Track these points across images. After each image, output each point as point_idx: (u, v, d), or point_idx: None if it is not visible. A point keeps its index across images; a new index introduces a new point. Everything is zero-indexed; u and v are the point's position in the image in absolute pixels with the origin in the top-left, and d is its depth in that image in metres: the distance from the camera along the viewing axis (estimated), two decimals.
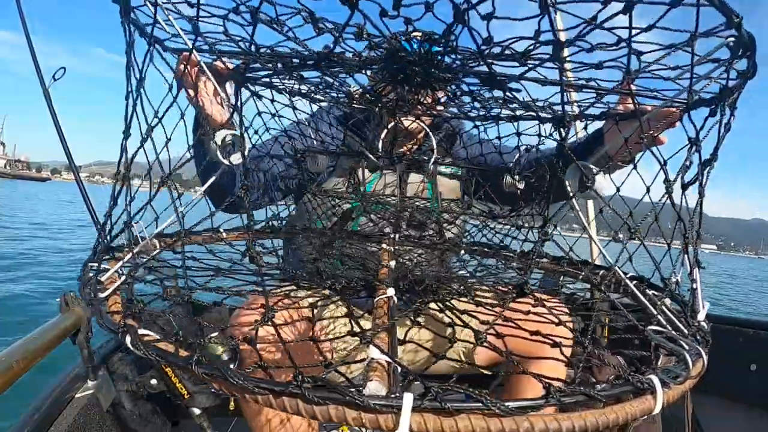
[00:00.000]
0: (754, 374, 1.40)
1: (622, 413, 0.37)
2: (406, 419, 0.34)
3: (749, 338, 1.42)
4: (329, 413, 0.35)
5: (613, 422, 0.36)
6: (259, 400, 0.36)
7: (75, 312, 1.04)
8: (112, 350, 1.26)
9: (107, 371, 1.18)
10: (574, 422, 0.36)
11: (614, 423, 0.36)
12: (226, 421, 1.33)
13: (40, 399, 0.97)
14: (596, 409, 0.36)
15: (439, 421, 0.35)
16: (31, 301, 4.66)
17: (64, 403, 1.00)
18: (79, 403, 1.03)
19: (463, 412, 0.35)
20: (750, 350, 1.41)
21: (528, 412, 0.35)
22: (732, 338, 1.45)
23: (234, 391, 0.37)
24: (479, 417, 0.35)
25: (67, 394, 1.02)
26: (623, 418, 0.37)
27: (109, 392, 1.15)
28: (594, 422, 0.36)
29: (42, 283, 5.38)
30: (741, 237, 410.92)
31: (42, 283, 5.38)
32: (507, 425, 0.35)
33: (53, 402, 0.97)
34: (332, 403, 0.35)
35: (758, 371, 1.39)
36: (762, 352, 1.39)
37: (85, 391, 1.07)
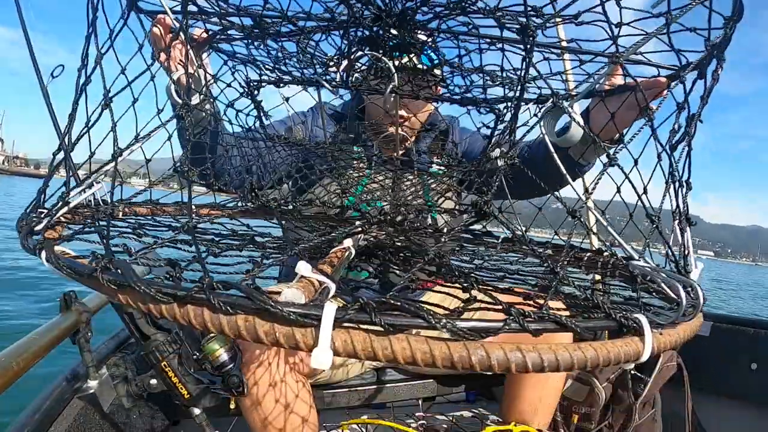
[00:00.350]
0: (754, 373, 1.40)
1: (603, 351, 0.30)
2: (327, 334, 0.26)
3: (750, 337, 1.42)
4: (237, 325, 0.28)
5: (592, 361, 0.29)
6: (163, 311, 0.30)
7: (75, 312, 1.04)
8: (112, 350, 1.26)
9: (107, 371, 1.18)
10: (543, 355, 0.28)
11: (593, 362, 0.29)
12: (226, 421, 1.33)
13: (40, 399, 0.97)
14: (571, 344, 0.29)
15: (369, 340, 0.27)
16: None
17: (64, 403, 1.00)
18: (79, 403, 1.03)
19: (401, 330, 0.28)
20: (750, 349, 1.41)
21: (483, 336, 0.28)
22: (732, 337, 1.45)
23: (139, 301, 0.31)
24: (421, 339, 0.27)
25: (67, 394, 1.02)
26: (604, 357, 0.30)
27: (109, 392, 1.15)
28: (567, 358, 0.28)
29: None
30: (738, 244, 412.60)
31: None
32: (455, 351, 0.27)
33: (53, 402, 0.97)
34: (241, 312, 0.29)
35: (759, 370, 1.39)
36: (763, 351, 1.39)
37: (85, 391, 1.07)
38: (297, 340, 0.27)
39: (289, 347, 0.28)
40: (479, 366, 0.27)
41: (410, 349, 0.27)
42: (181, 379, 1.09)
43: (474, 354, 0.27)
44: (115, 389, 1.21)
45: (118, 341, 1.31)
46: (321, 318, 0.27)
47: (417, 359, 0.27)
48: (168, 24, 0.76)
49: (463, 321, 0.28)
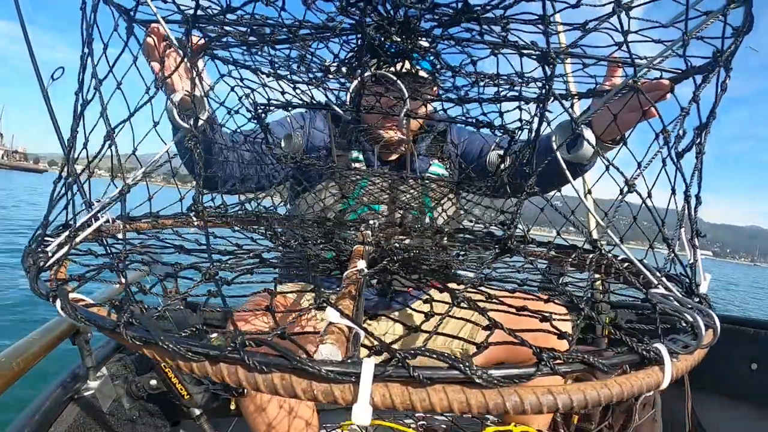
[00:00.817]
0: (754, 373, 1.40)
1: (627, 386, 0.31)
2: (367, 390, 0.27)
3: (750, 337, 1.42)
4: (274, 383, 0.28)
5: (617, 396, 0.31)
6: (194, 369, 0.30)
7: None
8: (112, 350, 1.26)
9: (107, 371, 1.18)
10: (572, 396, 0.29)
11: (618, 397, 0.31)
12: (226, 421, 1.33)
13: (40, 399, 0.97)
14: (597, 381, 0.31)
15: (407, 393, 0.28)
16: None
17: (64, 403, 1.00)
18: (79, 404, 1.03)
19: (437, 383, 0.28)
20: (751, 349, 1.41)
21: (516, 383, 0.29)
22: (732, 337, 1.45)
23: (168, 357, 0.31)
24: (457, 389, 0.28)
25: (67, 395, 1.02)
26: (628, 391, 0.31)
27: (109, 392, 1.15)
28: (595, 396, 0.30)
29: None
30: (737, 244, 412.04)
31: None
32: (491, 399, 0.28)
33: (53, 402, 0.97)
34: (277, 371, 0.28)
35: (759, 370, 1.39)
36: (763, 351, 1.39)
37: (85, 391, 1.07)
38: (336, 397, 0.28)
39: (327, 402, 0.28)
40: (513, 410, 0.28)
41: (447, 400, 0.28)
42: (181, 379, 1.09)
43: (508, 400, 0.28)
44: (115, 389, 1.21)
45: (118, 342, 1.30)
46: (360, 375, 0.27)
47: (454, 409, 0.28)
48: (162, 33, 0.75)
49: (497, 370, 0.29)
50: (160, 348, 0.30)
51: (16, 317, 3.93)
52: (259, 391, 0.29)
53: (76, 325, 1.03)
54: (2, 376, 0.76)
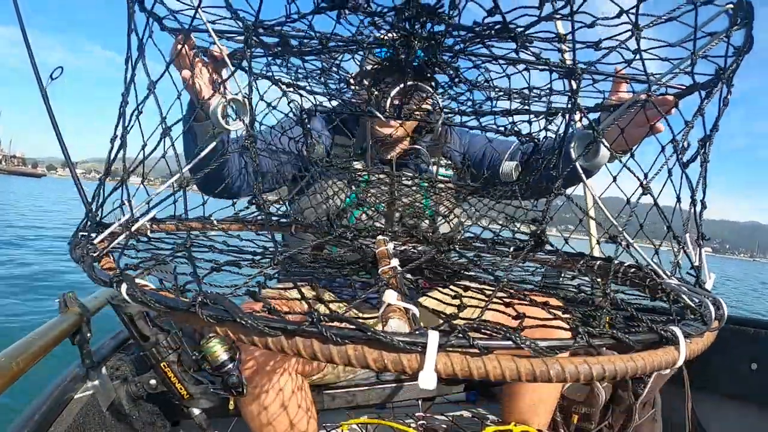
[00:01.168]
0: (754, 373, 1.40)
1: (649, 361, 0.36)
2: (432, 358, 0.31)
3: (750, 337, 1.42)
4: (347, 354, 0.32)
5: (641, 370, 0.35)
6: (269, 343, 0.33)
7: (74, 312, 1.04)
8: (112, 350, 1.26)
9: (107, 371, 1.18)
10: (604, 366, 0.34)
11: (641, 371, 0.35)
12: (226, 421, 1.33)
13: (40, 399, 0.97)
14: (624, 355, 0.35)
15: (466, 361, 0.32)
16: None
17: (64, 403, 1.00)
18: (78, 404, 1.02)
19: (492, 351, 0.32)
20: (750, 349, 1.41)
21: (557, 353, 0.33)
22: (732, 337, 1.45)
23: (243, 334, 0.34)
24: (508, 358, 0.32)
25: (67, 395, 1.02)
26: (650, 366, 0.36)
27: (109, 392, 1.15)
28: (623, 368, 0.35)
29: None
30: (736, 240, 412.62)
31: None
32: (537, 367, 0.32)
33: (53, 402, 0.97)
34: (351, 342, 0.32)
35: (759, 370, 1.39)
36: (763, 351, 1.39)
37: (84, 391, 1.07)
38: (404, 365, 0.32)
39: (395, 371, 0.32)
40: (555, 378, 0.32)
41: (500, 368, 0.32)
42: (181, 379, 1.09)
43: (552, 368, 0.32)
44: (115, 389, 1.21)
45: (118, 341, 1.30)
46: (426, 345, 0.31)
47: (506, 376, 0.32)
48: (192, 41, 0.76)
49: (542, 340, 0.33)
50: (237, 324, 0.33)
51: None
52: (332, 362, 0.32)
53: (76, 324, 1.03)
54: (2, 376, 0.76)
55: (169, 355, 1.01)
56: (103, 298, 1.20)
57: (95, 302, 1.16)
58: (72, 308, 1.04)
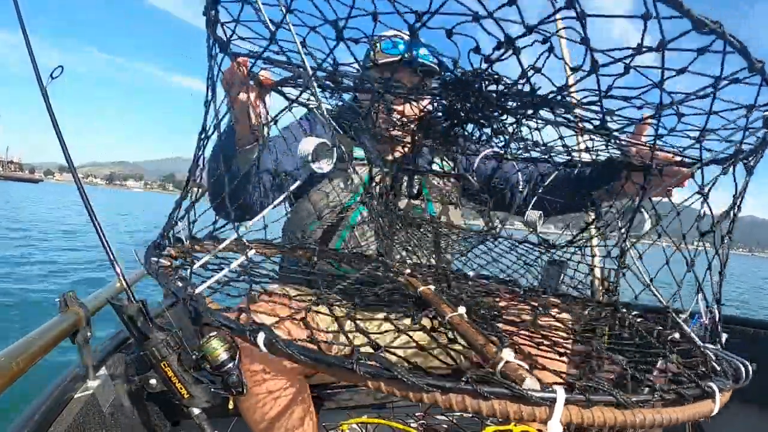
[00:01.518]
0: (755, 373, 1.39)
1: (697, 411, 0.46)
2: (559, 411, 0.38)
3: (749, 337, 1.42)
4: (494, 408, 0.38)
5: (690, 418, 0.45)
6: (424, 398, 0.39)
7: (74, 312, 1.04)
8: (112, 350, 1.26)
9: (107, 371, 1.18)
10: (671, 416, 0.44)
11: (692, 419, 0.45)
12: (226, 421, 1.33)
13: (40, 399, 0.97)
14: (680, 407, 0.44)
15: (581, 413, 0.40)
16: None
17: (64, 403, 1.00)
18: (78, 403, 1.02)
19: (594, 405, 0.40)
20: (751, 349, 1.41)
21: (641, 406, 0.41)
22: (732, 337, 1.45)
23: (399, 389, 0.39)
24: (611, 410, 0.40)
25: (67, 394, 1.02)
26: (699, 415, 0.46)
27: (109, 392, 1.15)
28: (682, 416, 0.44)
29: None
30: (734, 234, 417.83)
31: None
32: (629, 417, 0.41)
33: (53, 402, 0.97)
34: (496, 398, 0.39)
35: (759, 371, 1.39)
36: (763, 351, 1.39)
37: (84, 391, 1.07)
38: (535, 416, 0.39)
39: (528, 421, 0.39)
40: (639, 425, 0.41)
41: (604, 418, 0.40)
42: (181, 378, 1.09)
43: (637, 418, 0.41)
44: (115, 389, 1.21)
45: (118, 341, 1.30)
46: (556, 400, 0.38)
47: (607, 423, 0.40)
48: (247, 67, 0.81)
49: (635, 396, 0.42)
50: (399, 382, 0.39)
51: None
52: (477, 414, 0.39)
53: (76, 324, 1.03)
54: (2, 375, 0.76)
55: (169, 354, 1.01)
56: (103, 298, 1.20)
57: (95, 302, 1.16)
58: (72, 308, 1.04)
